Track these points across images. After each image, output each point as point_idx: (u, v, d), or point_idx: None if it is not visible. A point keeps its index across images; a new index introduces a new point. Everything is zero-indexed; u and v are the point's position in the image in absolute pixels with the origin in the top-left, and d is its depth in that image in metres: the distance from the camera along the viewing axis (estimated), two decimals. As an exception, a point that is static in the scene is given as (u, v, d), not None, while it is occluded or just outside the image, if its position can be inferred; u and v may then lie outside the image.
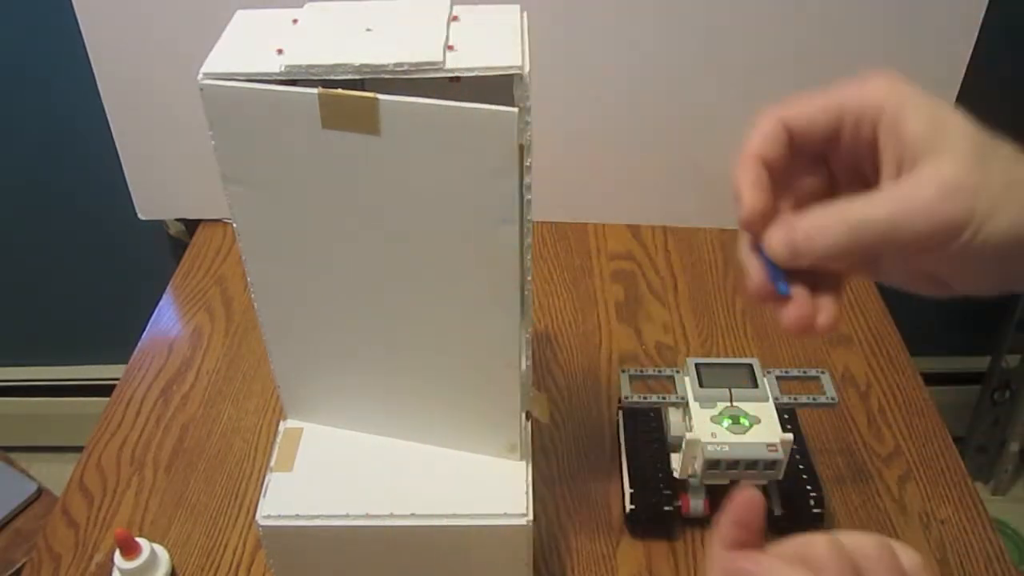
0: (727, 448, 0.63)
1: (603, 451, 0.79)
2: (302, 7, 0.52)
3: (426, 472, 0.61)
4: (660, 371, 0.72)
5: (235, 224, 0.53)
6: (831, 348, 0.91)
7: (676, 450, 0.69)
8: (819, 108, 0.37)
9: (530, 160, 0.48)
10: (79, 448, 0.81)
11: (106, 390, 0.89)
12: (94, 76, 0.96)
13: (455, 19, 0.51)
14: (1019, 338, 1.39)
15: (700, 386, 0.67)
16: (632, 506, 0.70)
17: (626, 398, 0.70)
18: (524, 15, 0.52)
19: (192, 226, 1.10)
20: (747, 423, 0.65)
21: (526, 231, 0.51)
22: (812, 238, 0.36)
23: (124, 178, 1.05)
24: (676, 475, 0.68)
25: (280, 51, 0.48)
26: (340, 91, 0.45)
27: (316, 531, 0.57)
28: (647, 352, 0.90)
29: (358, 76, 0.47)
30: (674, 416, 0.70)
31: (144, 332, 0.94)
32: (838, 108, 0.37)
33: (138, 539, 0.66)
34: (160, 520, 0.74)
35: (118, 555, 0.65)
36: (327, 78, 0.47)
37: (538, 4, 0.54)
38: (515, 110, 0.45)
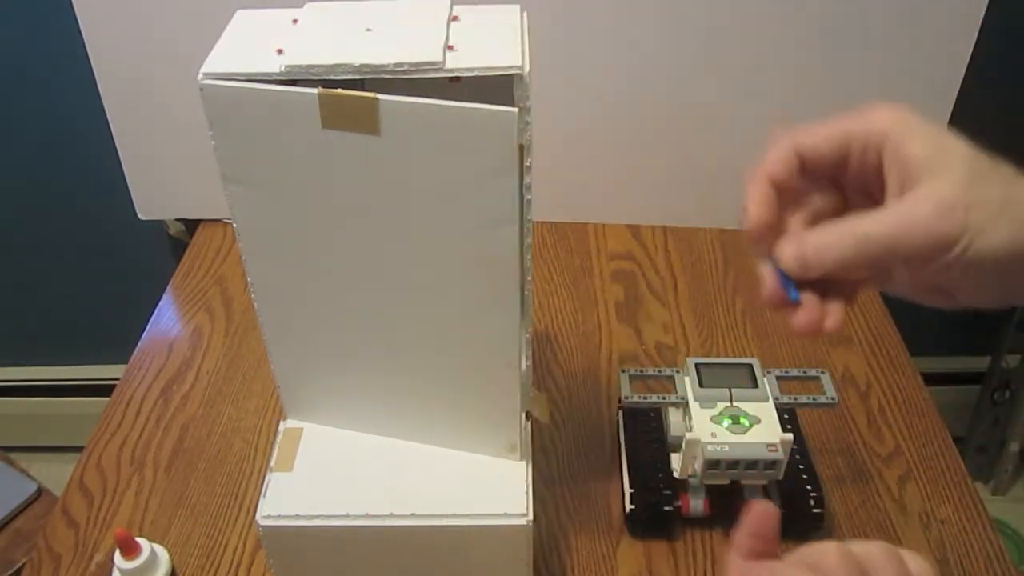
0: (727, 448, 0.63)
1: (603, 451, 0.79)
2: (302, 7, 0.52)
3: (426, 472, 0.61)
4: (660, 371, 0.72)
5: (235, 224, 0.53)
6: (831, 348, 0.91)
7: (676, 450, 0.69)
8: (826, 138, 0.40)
9: (530, 160, 0.48)
10: (79, 448, 0.81)
11: (106, 390, 0.89)
12: (94, 76, 0.96)
13: (455, 19, 0.51)
14: (1019, 338, 1.39)
15: (700, 386, 0.67)
16: (632, 506, 0.70)
17: (626, 398, 0.70)
18: (524, 15, 0.52)
19: (192, 226, 1.10)
20: (747, 423, 0.65)
21: (526, 231, 0.51)
22: (820, 252, 0.39)
23: (124, 178, 1.05)
24: (676, 475, 0.68)
25: (280, 51, 0.48)
26: (340, 91, 0.45)
27: (316, 531, 0.57)
28: (647, 352, 0.90)
29: (358, 76, 0.47)
30: (674, 416, 0.70)
31: (144, 332, 0.94)
32: (845, 136, 0.40)
33: (138, 539, 0.66)
34: (160, 520, 0.74)
35: (118, 555, 0.65)
36: (327, 78, 0.47)
37: (538, 4, 0.54)
38: (515, 110, 0.45)
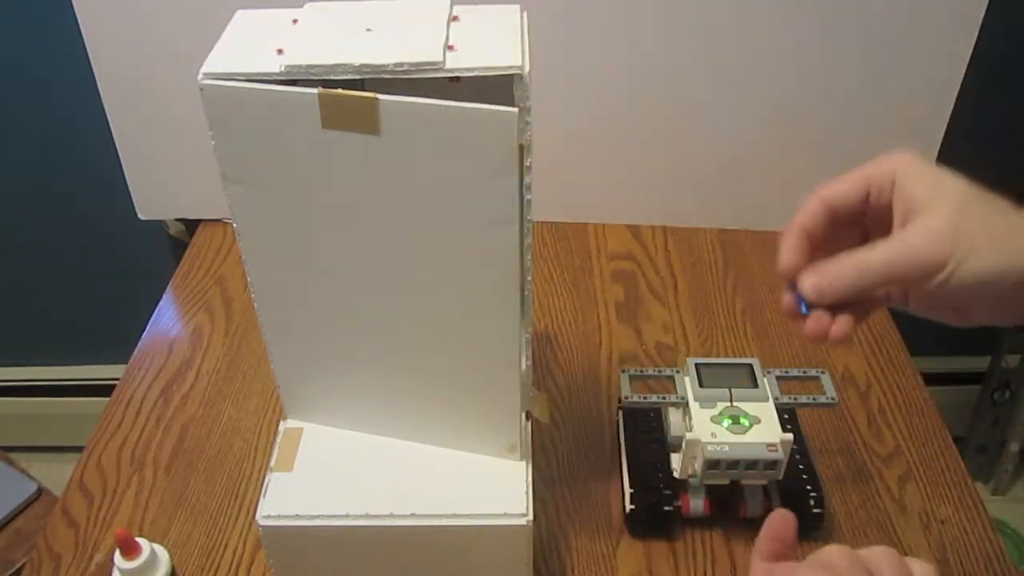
0: (727, 448, 0.63)
1: (603, 451, 0.79)
2: (302, 7, 0.52)
3: (426, 472, 0.61)
4: (660, 371, 0.72)
5: (235, 224, 0.53)
6: (831, 348, 0.91)
7: (676, 450, 0.69)
8: (851, 184, 0.47)
9: (530, 160, 0.48)
10: (79, 448, 0.81)
11: (106, 390, 0.89)
12: (94, 76, 0.96)
13: (455, 19, 0.51)
14: (1019, 338, 1.39)
15: (700, 386, 0.67)
16: (632, 506, 0.70)
17: (626, 398, 0.70)
18: (524, 15, 0.52)
19: (192, 226, 1.10)
20: (747, 423, 0.65)
21: (526, 231, 0.51)
22: (832, 283, 0.45)
23: (124, 178, 1.05)
24: (676, 475, 0.68)
25: (280, 51, 0.48)
26: (340, 91, 0.45)
27: (316, 531, 0.57)
28: (647, 352, 0.90)
29: (358, 76, 0.47)
30: (674, 416, 0.70)
31: (144, 332, 0.94)
32: (865, 180, 0.46)
33: (138, 539, 0.66)
34: (160, 520, 0.74)
35: (118, 555, 0.65)
36: (327, 78, 0.47)
37: (538, 4, 0.54)
38: (515, 110, 0.45)
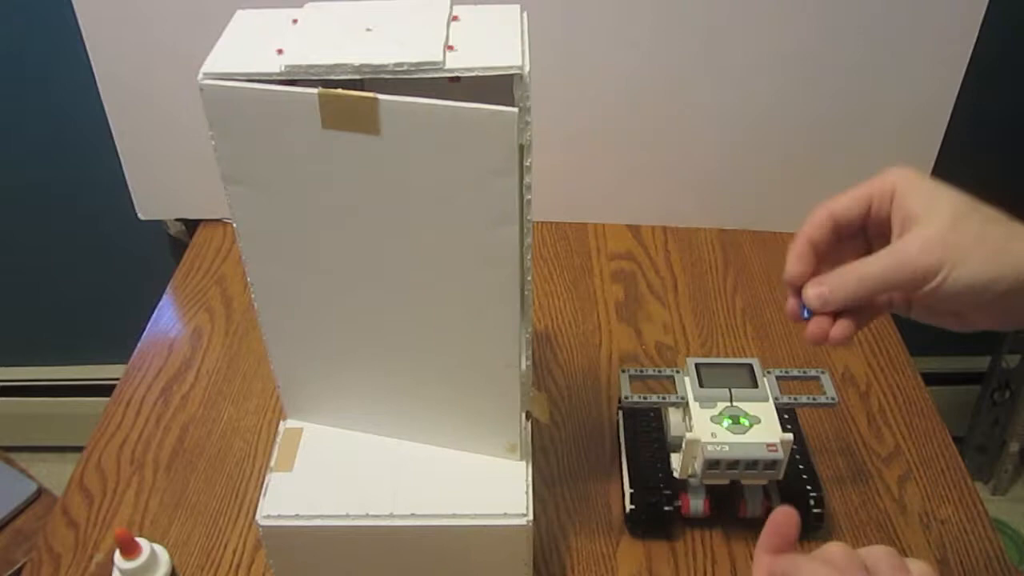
0: (727, 448, 0.63)
1: (603, 451, 0.79)
2: (302, 7, 0.52)
3: (426, 472, 0.61)
4: (660, 371, 0.72)
5: (235, 224, 0.53)
6: (831, 348, 0.91)
7: (676, 450, 0.69)
8: (855, 198, 0.49)
9: (530, 160, 0.48)
10: (79, 448, 0.81)
11: (106, 390, 0.89)
12: (94, 76, 0.96)
13: (455, 19, 0.51)
14: (1019, 338, 1.39)
15: (700, 386, 0.67)
16: (632, 506, 0.70)
17: (626, 398, 0.70)
18: (524, 15, 0.52)
19: (192, 226, 1.10)
20: (747, 423, 0.65)
21: (526, 231, 0.51)
22: (834, 292, 0.47)
23: (124, 178, 1.05)
24: (676, 475, 0.68)
25: (280, 51, 0.48)
26: (340, 91, 0.45)
27: (316, 531, 0.57)
28: (647, 352, 0.90)
29: (358, 76, 0.47)
30: (674, 416, 0.70)
31: (144, 332, 0.94)
32: (867, 194, 0.48)
33: (138, 539, 0.66)
34: (160, 520, 0.74)
35: (118, 555, 0.65)
36: (327, 78, 0.47)
37: (538, 4, 0.54)
38: (515, 110, 0.45)
